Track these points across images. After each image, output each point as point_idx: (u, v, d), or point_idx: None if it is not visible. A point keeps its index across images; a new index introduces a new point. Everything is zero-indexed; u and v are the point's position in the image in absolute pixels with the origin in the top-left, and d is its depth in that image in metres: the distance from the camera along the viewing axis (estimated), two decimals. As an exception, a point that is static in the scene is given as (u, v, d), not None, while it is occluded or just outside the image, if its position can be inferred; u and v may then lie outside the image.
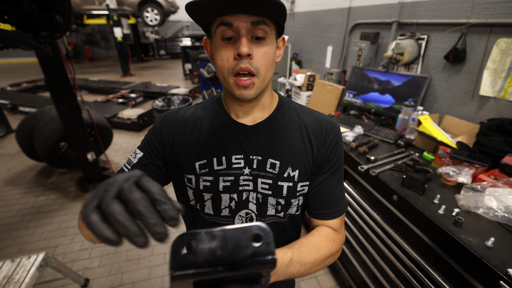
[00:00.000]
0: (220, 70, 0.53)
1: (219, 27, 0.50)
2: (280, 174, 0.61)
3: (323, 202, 0.64)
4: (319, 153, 0.63)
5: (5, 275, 1.28)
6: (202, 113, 0.65)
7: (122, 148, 3.67)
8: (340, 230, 0.66)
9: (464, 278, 0.88)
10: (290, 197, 0.62)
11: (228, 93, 0.58)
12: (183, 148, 0.62)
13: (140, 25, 10.22)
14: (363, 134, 1.73)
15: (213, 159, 0.61)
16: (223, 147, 0.61)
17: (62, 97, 2.27)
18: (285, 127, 0.62)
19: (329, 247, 0.59)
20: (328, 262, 0.60)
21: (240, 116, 0.62)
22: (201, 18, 0.51)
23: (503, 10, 1.34)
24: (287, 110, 0.65)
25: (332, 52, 2.99)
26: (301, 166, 0.61)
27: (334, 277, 1.81)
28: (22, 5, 1.22)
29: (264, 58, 0.52)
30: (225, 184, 0.61)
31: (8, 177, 2.97)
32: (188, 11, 0.47)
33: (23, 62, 10.00)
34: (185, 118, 0.64)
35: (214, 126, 0.62)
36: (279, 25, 0.55)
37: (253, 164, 0.61)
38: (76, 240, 2.12)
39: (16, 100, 4.95)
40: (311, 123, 0.64)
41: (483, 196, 1.02)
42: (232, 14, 0.48)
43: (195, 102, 5.55)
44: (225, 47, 0.51)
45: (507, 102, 1.37)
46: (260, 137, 0.61)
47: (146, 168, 0.63)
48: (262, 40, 0.51)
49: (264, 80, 0.54)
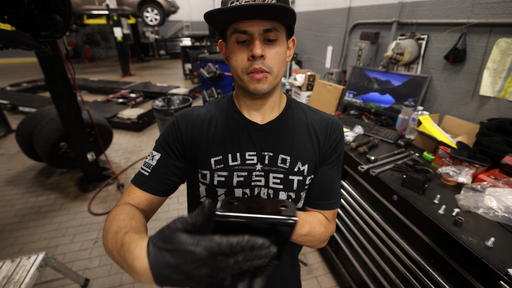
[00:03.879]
0: (235, 70, 0.58)
1: (234, 33, 0.54)
2: (291, 168, 0.65)
3: (323, 194, 0.68)
4: (324, 148, 0.67)
5: (5, 275, 1.28)
6: (216, 111, 0.68)
7: (122, 148, 3.68)
8: (332, 221, 0.71)
9: (464, 278, 0.88)
10: (300, 190, 0.66)
11: (242, 90, 0.63)
12: (200, 145, 0.65)
13: (140, 25, 10.22)
14: (363, 134, 1.73)
15: (228, 155, 0.64)
16: (237, 144, 0.64)
17: (62, 97, 2.27)
18: (293, 125, 0.67)
19: (320, 231, 0.63)
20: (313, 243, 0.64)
21: (252, 114, 0.66)
22: (217, 24, 0.56)
23: (503, 10, 1.33)
24: (295, 110, 0.69)
25: (332, 52, 2.99)
26: (309, 161, 0.66)
27: (334, 277, 1.81)
28: (22, 5, 1.21)
29: (276, 57, 0.56)
30: (239, 179, 0.64)
31: (8, 177, 2.97)
32: (206, 19, 0.52)
33: (23, 62, 10.00)
34: (201, 117, 0.67)
35: (228, 124, 0.66)
36: (289, 27, 0.59)
37: (265, 160, 0.65)
38: (76, 240, 2.12)
39: (16, 100, 4.95)
40: (317, 122, 0.68)
41: (483, 196, 1.02)
42: (245, 20, 0.53)
43: (195, 102, 5.54)
44: (240, 49, 0.55)
45: (507, 102, 1.37)
46: (271, 134, 0.65)
47: (167, 169, 0.64)
48: (274, 41, 0.55)
49: (276, 77, 0.58)
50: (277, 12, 0.50)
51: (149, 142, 3.85)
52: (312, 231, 0.60)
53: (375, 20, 2.24)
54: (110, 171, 3.01)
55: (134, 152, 3.55)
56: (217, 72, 3.75)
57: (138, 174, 0.64)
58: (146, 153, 3.51)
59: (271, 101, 0.65)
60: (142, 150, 3.59)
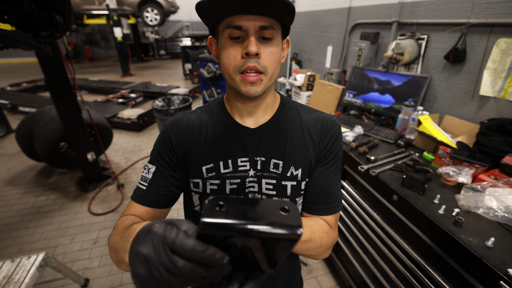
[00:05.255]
0: (226, 68, 0.54)
1: (227, 29, 0.50)
2: (283, 173, 0.62)
3: (319, 197, 0.64)
4: (319, 149, 0.63)
5: (5, 275, 1.28)
6: (206, 117, 0.65)
7: (122, 148, 3.68)
8: (334, 227, 0.65)
9: (464, 278, 0.88)
10: (295, 195, 0.63)
11: (233, 92, 0.59)
12: (190, 152, 0.62)
13: (140, 25, 10.22)
14: (363, 134, 1.73)
15: (220, 163, 0.61)
16: (228, 150, 0.61)
17: (62, 97, 2.27)
18: (287, 127, 0.63)
19: (321, 237, 0.57)
20: (319, 251, 0.58)
21: (244, 118, 0.63)
22: (208, 17, 0.52)
23: (503, 10, 1.33)
24: (289, 111, 0.66)
25: (332, 52, 2.99)
26: (303, 165, 0.62)
27: (334, 277, 1.81)
28: (22, 5, 1.22)
29: (272, 57, 0.53)
30: (231, 187, 0.62)
31: (8, 177, 2.97)
32: (197, 10, 0.48)
33: (23, 62, 10.00)
34: (190, 123, 0.64)
35: (219, 130, 0.63)
36: (285, 27, 0.56)
37: (257, 165, 0.62)
38: (76, 240, 2.12)
39: (16, 100, 4.95)
40: (312, 122, 0.64)
41: (483, 196, 1.02)
42: (239, 14, 0.49)
43: (195, 102, 5.53)
44: (233, 45, 0.51)
45: (507, 102, 1.37)
46: (264, 138, 0.62)
47: (163, 181, 0.62)
48: (269, 40, 0.52)
49: (271, 78, 0.55)
50: (276, 7, 0.46)
51: (149, 142, 3.85)
52: (313, 237, 0.54)
53: (375, 20, 2.24)
54: (110, 171, 3.01)
55: (134, 152, 3.55)
56: (217, 72, 3.75)
57: (137, 189, 0.63)
58: (146, 153, 3.51)
59: (263, 104, 0.62)
60: (142, 150, 3.59)
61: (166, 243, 0.29)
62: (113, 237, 0.49)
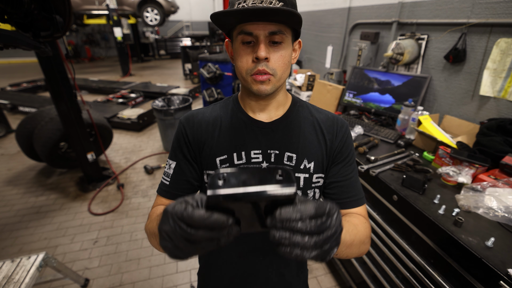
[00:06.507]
0: (240, 70, 0.59)
1: (240, 34, 0.55)
2: (297, 166, 0.64)
3: (344, 192, 0.66)
4: (332, 146, 0.67)
5: (5, 275, 1.28)
6: (220, 112, 0.69)
7: (122, 148, 3.67)
8: (367, 218, 0.67)
9: (464, 278, 0.88)
10: (307, 188, 0.66)
11: (246, 91, 0.65)
12: (205, 145, 0.66)
13: (140, 25, 10.22)
14: (363, 134, 1.73)
15: (233, 154, 0.64)
16: (242, 142, 0.65)
17: (62, 97, 2.27)
18: (299, 123, 0.67)
19: (365, 227, 0.60)
20: (363, 248, 0.60)
21: (257, 113, 0.66)
22: (223, 25, 0.57)
23: (503, 10, 1.33)
24: (300, 108, 0.70)
25: (332, 52, 2.99)
26: (316, 159, 0.65)
27: (334, 277, 1.81)
28: (22, 5, 1.22)
29: (281, 60, 0.56)
30: None
31: (8, 177, 2.97)
32: (213, 19, 0.54)
33: (23, 62, 10.00)
34: (205, 118, 0.68)
35: (233, 124, 0.66)
36: (295, 30, 0.59)
37: (271, 158, 0.65)
38: (76, 240, 2.12)
39: (16, 100, 4.95)
40: (323, 120, 0.69)
41: (483, 196, 1.02)
42: (251, 22, 0.53)
43: (195, 102, 5.54)
44: (245, 50, 0.56)
45: (507, 102, 1.37)
46: (277, 132, 0.65)
47: (184, 175, 0.67)
48: (279, 44, 0.56)
49: (280, 79, 0.59)
50: (282, 16, 0.51)
51: (149, 142, 3.85)
52: (355, 240, 0.55)
53: (375, 20, 2.24)
54: (110, 171, 3.01)
55: (134, 152, 3.55)
56: (217, 72, 3.75)
57: (161, 183, 0.69)
58: (146, 153, 3.51)
59: (275, 102, 0.66)
60: (142, 150, 3.59)
61: (177, 217, 0.36)
62: (150, 225, 0.59)
